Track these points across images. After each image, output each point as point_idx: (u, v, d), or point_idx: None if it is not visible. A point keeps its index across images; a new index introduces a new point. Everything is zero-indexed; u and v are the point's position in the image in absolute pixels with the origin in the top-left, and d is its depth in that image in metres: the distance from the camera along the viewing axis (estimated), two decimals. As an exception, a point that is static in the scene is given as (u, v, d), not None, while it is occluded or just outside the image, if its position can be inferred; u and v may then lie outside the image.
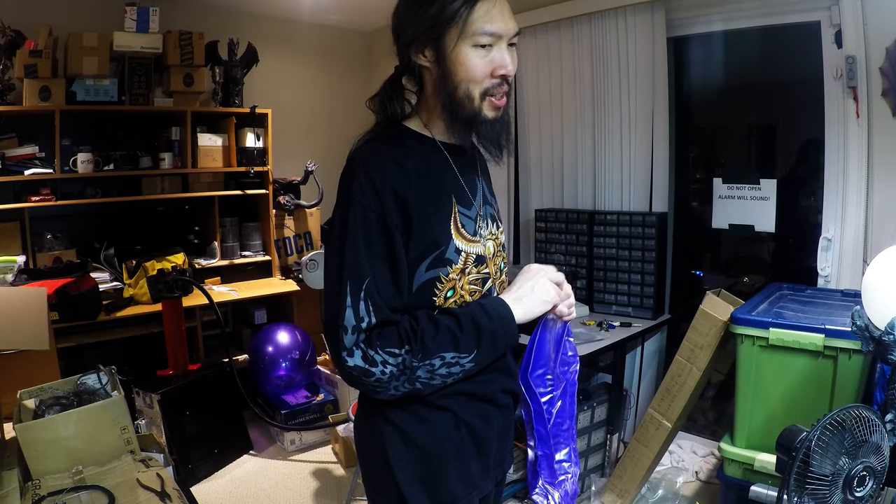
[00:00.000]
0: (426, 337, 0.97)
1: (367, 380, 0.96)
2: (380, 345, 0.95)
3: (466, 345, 0.99)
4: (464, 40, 0.99)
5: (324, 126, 4.20)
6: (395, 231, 0.97)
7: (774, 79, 2.87)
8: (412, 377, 0.97)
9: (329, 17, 4.09)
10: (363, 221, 0.96)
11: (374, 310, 0.96)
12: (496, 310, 1.04)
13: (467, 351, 0.99)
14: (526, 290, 1.08)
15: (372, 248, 0.97)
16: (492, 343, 1.02)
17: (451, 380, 1.02)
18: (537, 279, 1.09)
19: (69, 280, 2.81)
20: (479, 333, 1.00)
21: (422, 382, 0.99)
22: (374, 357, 0.95)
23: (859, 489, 1.25)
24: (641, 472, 2.38)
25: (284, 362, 3.20)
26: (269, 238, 3.76)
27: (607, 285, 2.82)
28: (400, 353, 0.96)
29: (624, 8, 2.75)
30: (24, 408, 2.05)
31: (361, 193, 0.97)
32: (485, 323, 1.01)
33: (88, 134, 3.22)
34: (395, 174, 0.98)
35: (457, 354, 0.99)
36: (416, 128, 1.09)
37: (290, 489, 2.74)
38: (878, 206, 2.21)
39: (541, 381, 1.17)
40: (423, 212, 0.99)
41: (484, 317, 1.02)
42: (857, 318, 1.44)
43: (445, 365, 0.98)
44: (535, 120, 3.24)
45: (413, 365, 0.96)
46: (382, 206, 0.96)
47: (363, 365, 0.95)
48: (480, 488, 1.12)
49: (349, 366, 0.96)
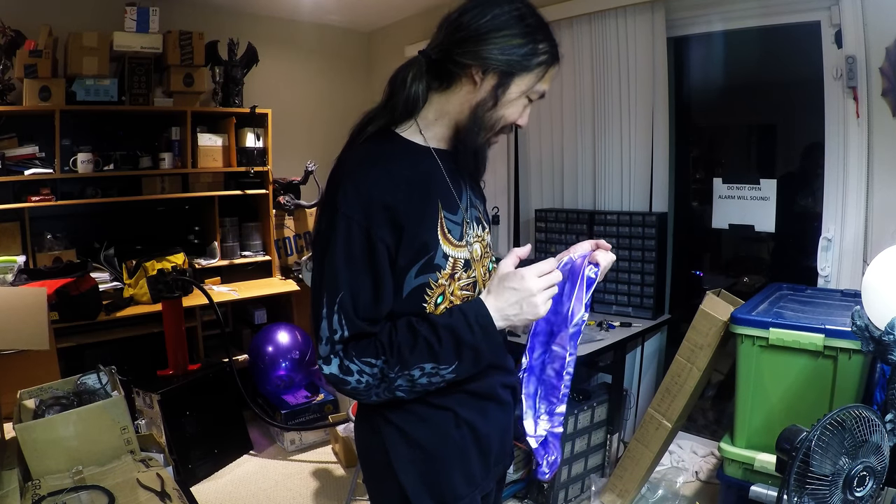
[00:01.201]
0: (403, 348, 0.95)
1: (344, 387, 0.97)
2: (355, 355, 0.95)
3: (446, 357, 0.97)
4: (527, 91, 1.04)
5: (324, 126, 4.19)
6: (379, 243, 0.96)
7: (774, 79, 2.87)
8: (391, 387, 0.97)
9: (329, 17, 4.09)
10: (346, 232, 0.95)
11: (347, 324, 0.95)
12: (480, 323, 0.98)
13: (447, 363, 0.97)
14: (513, 308, 0.98)
15: (352, 261, 0.96)
16: (473, 358, 0.99)
17: (435, 388, 1.01)
18: (523, 295, 0.97)
19: (69, 280, 2.81)
20: (458, 347, 0.97)
21: (403, 391, 0.98)
22: (350, 366, 0.95)
23: (859, 489, 1.25)
24: (641, 472, 2.38)
25: (284, 362, 3.20)
26: (269, 238, 3.76)
27: (607, 285, 2.82)
28: (376, 364, 0.95)
29: (624, 8, 2.75)
30: (24, 408, 2.05)
31: (346, 204, 0.96)
32: (467, 337, 0.97)
33: (88, 134, 3.22)
34: (384, 184, 0.97)
35: (436, 366, 0.97)
36: (410, 135, 1.07)
37: (290, 489, 2.74)
38: (878, 206, 2.21)
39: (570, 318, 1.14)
40: (412, 219, 0.98)
41: (466, 330, 0.97)
42: (857, 318, 1.44)
43: (426, 375, 0.97)
44: (535, 120, 3.24)
45: (390, 376, 0.96)
46: (368, 218, 0.95)
47: (338, 374, 0.96)
48: (482, 486, 1.12)
49: (325, 374, 0.98)
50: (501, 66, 1.00)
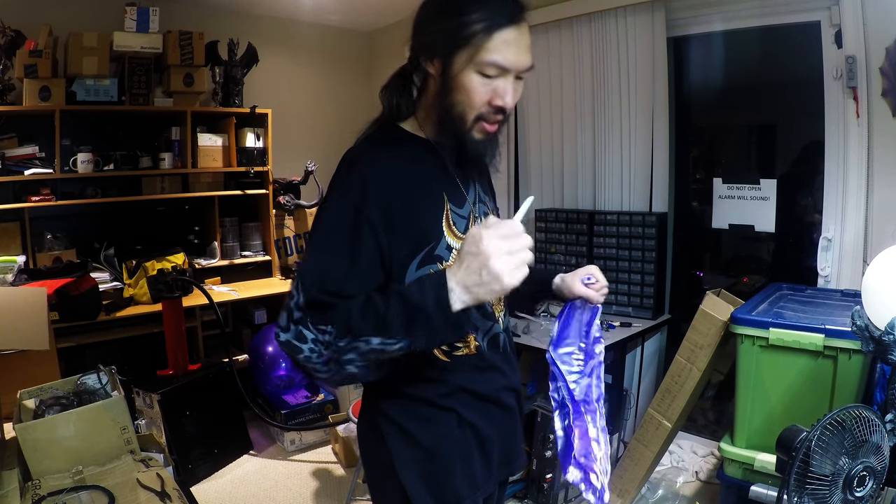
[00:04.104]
0: (353, 315, 0.89)
1: (297, 356, 0.91)
2: (311, 321, 0.90)
3: (393, 325, 0.87)
4: (471, 65, 0.97)
5: (324, 126, 4.20)
6: (366, 225, 0.95)
7: (774, 79, 2.87)
8: (339, 359, 0.90)
9: (329, 17, 4.09)
10: (336, 210, 0.98)
11: (303, 290, 0.91)
12: (435, 293, 0.87)
13: (394, 332, 0.88)
14: (473, 277, 0.86)
15: (330, 236, 0.97)
16: (425, 331, 0.89)
17: (388, 361, 0.94)
18: (481, 261, 0.85)
19: (69, 280, 2.81)
20: (408, 317, 0.88)
21: (357, 366, 0.91)
22: (305, 333, 0.90)
23: (859, 489, 1.25)
24: (641, 472, 2.38)
25: (284, 362, 3.20)
26: (269, 238, 3.76)
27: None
28: (326, 330, 0.89)
29: (624, 8, 2.75)
30: (24, 408, 2.04)
31: (342, 185, 0.99)
32: (418, 307, 0.87)
33: (88, 134, 3.22)
34: (382, 170, 0.99)
35: (383, 340, 0.88)
36: (411, 129, 1.10)
37: (290, 489, 2.74)
38: (878, 206, 2.21)
39: (567, 360, 1.19)
40: (410, 208, 0.99)
41: (418, 298, 0.88)
42: (857, 318, 1.44)
43: (375, 349, 0.89)
44: (535, 120, 3.24)
45: (339, 345, 0.89)
46: (362, 197, 0.96)
47: (292, 340, 0.91)
48: (484, 489, 1.12)
49: (280, 341, 0.92)
50: (436, 48, 1.00)
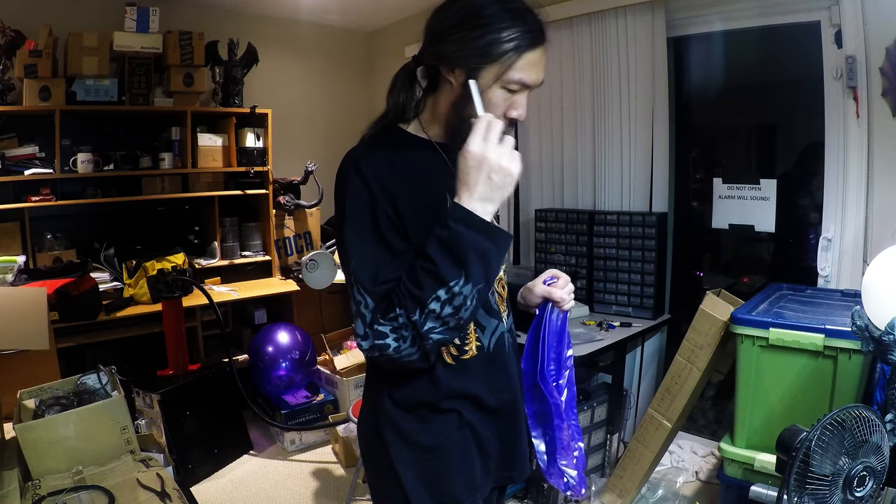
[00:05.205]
0: (411, 287, 0.92)
1: (388, 354, 0.94)
2: (381, 316, 0.94)
3: (448, 272, 0.90)
4: (498, 82, 0.99)
5: (324, 126, 4.20)
6: (383, 215, 0.97)
7: (774, 79, 2.87)
8: (422, 333, 0.92)
9: (329, 17, 4.09)
10: (354, 208, 0.99)
11: (367, 292, 0.95)
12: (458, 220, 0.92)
13: (454, 277, 0.91)
14: (485, 186, 0.92)
15: (361, 233, 0.98)
16: (478, 258, 0.92)
17: (467, 311, 0.94)
18: (488, 166, 0.92)
19: (69, 280, 2.81)
20: (455, 256, 0.91)
21: (438, 332, 0.93)
22: (382, 329, 0.93)
23: (859, 489, 1.25)
24: (641, 472, 2.38)
25: (284, 362, 3.20)
26: (269, 238, 3.76)
27: (607, 285, 2.82)
28: (398, 315, 0.92)
29: (624, 8, 2.75)
30: (24, 408, 2.05)
31: (351, 184, 1.00)
32: (455, 241, 0.91)
33: (88, 134, 3.22)
34: (385, 169, 1.00)
35: (446, 287, 0.91)
36: (414, 130, 1.10)
37: (290, 489, 2.74)
38: (878, 206, 2.21)
39: (550, 375, 1.20)
40: (414, 205, 1.00)
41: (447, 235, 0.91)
42: (857, 318, 1.44)
43: (446, 303, 0.91)
44: (535, 120, 3.24)
45: (414, 320, 0.91)
46: (370, 191, 0.98)
47: (377, 342, 0.93)
48: (482, 491, 1.13)
49: (365, 349, 0.95)
50: (462, 60, 0.99)
